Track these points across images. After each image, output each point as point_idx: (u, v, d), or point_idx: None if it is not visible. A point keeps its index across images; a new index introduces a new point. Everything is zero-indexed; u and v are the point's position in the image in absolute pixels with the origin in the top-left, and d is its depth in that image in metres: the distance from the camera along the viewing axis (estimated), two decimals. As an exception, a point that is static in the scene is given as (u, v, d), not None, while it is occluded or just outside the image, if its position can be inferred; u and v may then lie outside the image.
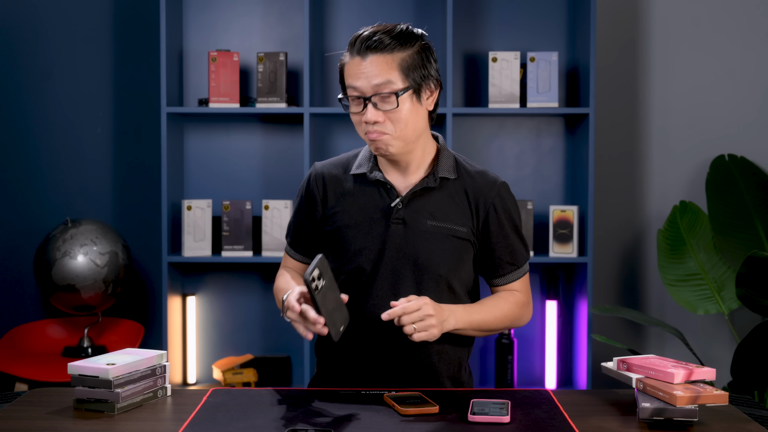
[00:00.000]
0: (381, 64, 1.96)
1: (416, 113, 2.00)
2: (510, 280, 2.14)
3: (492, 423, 1.71)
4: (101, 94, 3.98)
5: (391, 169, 2.09)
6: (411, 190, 2.06)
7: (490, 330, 2.09)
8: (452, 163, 2.11)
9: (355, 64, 1.98)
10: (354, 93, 1.98)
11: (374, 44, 1.96)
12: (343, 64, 2.02)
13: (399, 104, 1.96)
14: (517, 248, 2.13)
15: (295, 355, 3.94)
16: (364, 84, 1.96)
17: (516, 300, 2.13)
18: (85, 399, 1.79)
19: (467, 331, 2.04)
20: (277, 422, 1.71)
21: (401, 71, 1.97)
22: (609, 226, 3.95)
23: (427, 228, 2.05)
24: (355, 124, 2.03)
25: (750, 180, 3.77)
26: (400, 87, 1.96)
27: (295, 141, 3.90)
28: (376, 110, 1.96)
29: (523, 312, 2.16)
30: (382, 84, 1.95)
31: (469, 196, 2.08)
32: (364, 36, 1.98)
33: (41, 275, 3.58)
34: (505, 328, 2.13)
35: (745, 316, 3.90)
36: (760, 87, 3.92)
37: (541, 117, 3.90)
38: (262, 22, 3.92)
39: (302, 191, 2.17)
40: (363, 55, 1.97)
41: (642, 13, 3.92)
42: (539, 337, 3.92)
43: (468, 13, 3.86)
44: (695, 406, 1.70)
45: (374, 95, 1.96)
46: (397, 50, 1.97)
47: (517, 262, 2.14)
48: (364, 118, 1.97)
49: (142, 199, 3.99)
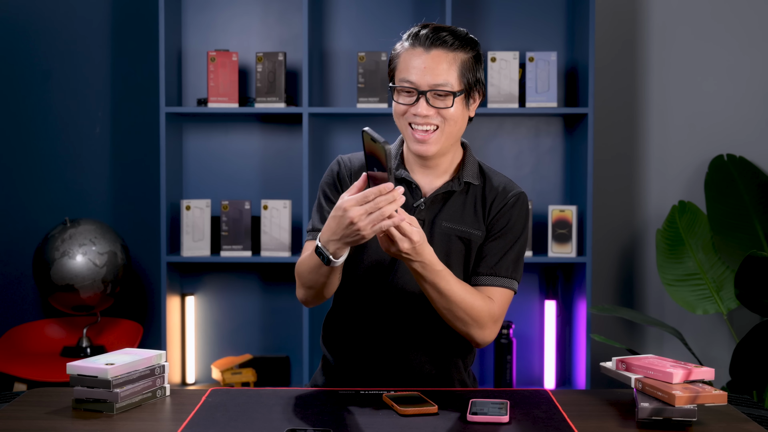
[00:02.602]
0: (444, 61, 1.97)
1: (462, 116, 2.02)
2: (488, 283, 2.04)
3: (491, 423, 1.71)
4: (100, 94, 3.98)
5: (418, 170, 2.08)
6: (434, 192, 2.06)
7: (449, 300, 1.93)
8: (476, 169, 2.11)
9: (417, 55, 1.98)
10: (407, 84, 1.98)
11: (440, 40, 1.97)
12: (397, 54, 2.02)
13: (453, 104, 1.97)
14: (507, 259, 2.05)
15: (294, 355, 3.94)
16: (421, 78, 1.96)
17: (488, 304, 2.00)
18: (83, 399, 1.79)
19: (429, 281, 1.90)
20: (276, 422, 1.71)
21: (459, 72, 1.98)
22: (608, 226, 3.96)
23: (443, 229, 2.05)
24: (397, 113, 2.02)
25: (749, 180, 3.78)
26: (457, 88, 1.98)
27: (294, 141, 3.90)
28: (429, 106, 1.97)
29: (488, 321, 1.99)
30: (441, 81, 1.96)
31: (486, 202, 2.08)
32: (430, 29, 1.99)
33: (40, 275, 3.58)
34: (462, 320, 1.96)
35: (743, 316, 3.90)
36: (759, 87, 3.92)
37: (540, 117, 3.90)
38: (261, 21, 3.92)
39: (331, 178, 2.12)
40: (427, 48, 1.97)
41: (641, 13, 3.92)
42: (538, 337, 3.92)
43: (467, 13, 3.85)
44: (694, 406, 1.70)
45: (430, 91, 1.96)
46: (459, 50, 1.99)
47: (499, 272, 2.04)
48: (416, 110, 1.97)
49: (140, 199, 3.99)
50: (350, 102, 3.89)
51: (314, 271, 1.93)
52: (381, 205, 1.74)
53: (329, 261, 1.84)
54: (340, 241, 1.80)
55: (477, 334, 1.99)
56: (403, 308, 2.06)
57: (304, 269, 1.98)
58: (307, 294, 2.01)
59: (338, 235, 1.79)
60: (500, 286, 2.04)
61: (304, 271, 1.98)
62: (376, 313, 2.08)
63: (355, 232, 1.77)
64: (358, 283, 2.09)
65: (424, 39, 1.98)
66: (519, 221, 2.08)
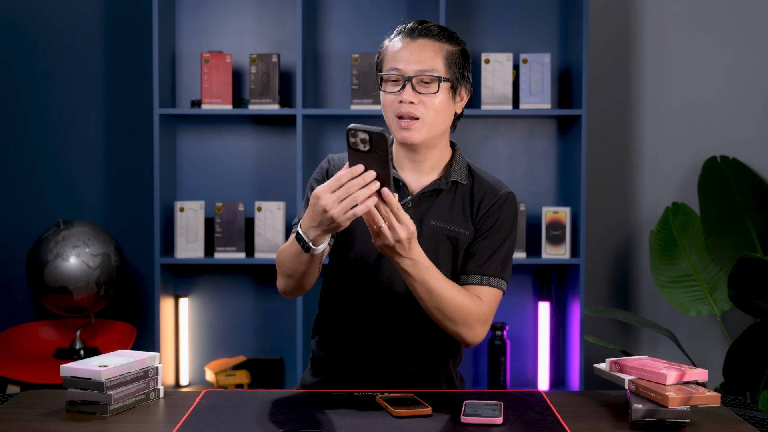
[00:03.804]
0: (429, 49, 2.02)
1: (448, 108, 2.04)
2: (476, 282, 2.04)
3: (485, 424, 1.71)
4: (93, 96, 3.97)
5: (406, 167, 2.10)
6: (422, 190, 2.07)
7: (438, 299, 1.92)
8: (465, 169, 2.12)
9: (404, 45, 2.03)
10: (394, 73, 2.02)
11: (425, 30, 2.03)
12: (385, 47, 2.07)
13: (438, 90, 2.00)
14: (495, 259, 2.05)
15: (288, 356, 3.94)
16: (407, 65, 2.00)
17: (477, 304, 1.99)
18: (77, 401, 1.78)
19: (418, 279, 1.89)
20: (269, 424, 1.71)
21: (445, 61, 2.02)
22: (601, 228, 3.96)
23: (430, 228, 2.05)
24: (385, 105, 2.05)
25: (742, 181, 3.78)
26: (443, 74, 2.01)
27: (288, 142, 3.90)
28: (414, 92, 2.00)
29: (477, 321, 1.99)
30: (426, 68, 2.00)
31: (474, 201, 2.09)
32: (416, 22, 2.06)
33: (33, 277, 3.57)
34: (451, 319, 1.95)
35: (737, 318, 3.91)
36: (752, 88, 3.93)
37: (534, 118, 3.90)
38: (254, 23, 3.91)
39: (320, 174, 2.13)
40: (414, 38, 2.03)
41: (634, 15, 3.93)
42: (532, 339, 3.93)
43: (460, 15, 3.86)
44: (687, 407, 1.70)
45: (415, 77, 2.00)
46: (444, 42, 2.04)
47: (487, 271, 2.04)
48: (401, 96, 2.00)
49: (134, 201, 3.98)
50: (344, 103, 3.89)
51: (294, 259, 1.92)
52: (352, 190, 1.73)
53: (308, 248, 1.84)
54: (319, 228, 1.80)
55: (466, 333, 1.99)
56: (389, 306, 2.07)
57: (284, 257, 1.98)
58: (287, 283, 2.01)
59: (315, 222, 1.79)
60: (489, 285, 2.04)
61: (284, 259, 1.98)
62: (361, 310, 2.09)
63: (329, 220, 1.77)
64: (344, 280, 2.10)
65: (411, 31, 2.04)
66: (508, 221, 2.08)
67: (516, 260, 3.66)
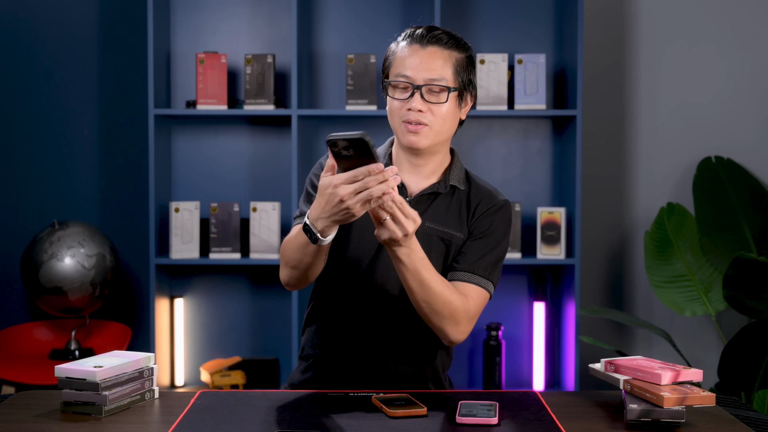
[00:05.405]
0: (439, 57, 2.01)
1: (454, 115, 2.06)
2: (464, 279, 2.04)
3: (480, 425, 1.71)
4: (88, 96, 3.97)
5: (406, 170, 2.10)
6: (420, 193, 2.08)
7: (429, 292, 1.92)
8: (463, 175, 2.14)
9: (413, 51, 2.02)
10: (403, 80, 2.01)
11: (435, 38, 2.02)
12: (393, 52, 2.06)
13: (447, 100, 2.01)
14: (485, 260, 2.05)
15: (283, 357, 3.94)
16: (417, 73, 2.00)
17: (464, 301, 1.99)
18: (72, 402, 1.78)
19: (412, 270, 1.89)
20: (265, 425, 1.71)
21: (454, 69, 2.03)
22: (596, 228, 3.97)
23: (425, 230, 2.06)
24: (392, 111, 2.04)
25: (737, 182, 3.79)
26: (452, 84, 2.02)
27: (283, 143, 3.90)
28: (423, 101, 2.00)
29: (464, 318, 1.98)
30: (436, 77, 2.00)
31: (471, 206, 2.10)
32: (425, 28, 2.04)
33: (28, 277, 3.57)
34: (439, 313, 1.95)
35: (731, 318, 3.92)
36: (747, 89, 3.94)
37: (529, 119, 3.90)
38: (249, 24, 3.91)
39: (321, 169, 2.13)
40: (423, 45, 2.02)
41: (629, 16, 3.94)
42: (527, 339, 3.93)
43: (455, 15, 3.86)
44: (682, 408, 1.70)
45: (425, 86, 2.00)
46: (453, 49, 2.04)
47: (476, 270, 2.04)
48: (410, 105, 2.00)
49: (129, 201, 3.98)
50: (339, 104, 3.89)
51: (300, 250, 1.92)
52: (371, 184, 1.73)
53: (316, 239, 1.83)
54: (329, 219, 1.80)
55: (451, 330, 1.98)
56: (381, 306, 2.08)
57: (290, 248, 1.98)
58: (291, 274, 2.01)
59: (327, 213, 1.79)
60: (476, 284, 2.04)
61: (290, 250, 1.97)
62: (353, 309, 2.09)
63: (344, 210, 1.76)
64: (337, 278, 2.10)
65: (420, 37, 2.03)
66: (501, 227, 2.10)
67: (511, 260, 3.66)
